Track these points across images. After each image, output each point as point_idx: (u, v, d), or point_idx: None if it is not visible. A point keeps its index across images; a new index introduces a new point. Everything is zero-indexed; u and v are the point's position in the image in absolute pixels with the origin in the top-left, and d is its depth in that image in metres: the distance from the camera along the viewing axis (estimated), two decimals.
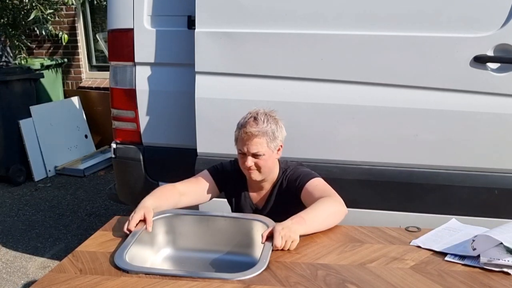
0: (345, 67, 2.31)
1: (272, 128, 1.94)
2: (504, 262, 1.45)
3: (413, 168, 2.33)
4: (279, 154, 2.03)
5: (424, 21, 2.19)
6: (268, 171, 2.01)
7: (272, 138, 1.94)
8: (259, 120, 1.93)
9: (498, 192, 2.25)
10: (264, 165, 1.97)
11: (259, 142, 1.93)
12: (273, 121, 1.96)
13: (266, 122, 1.93)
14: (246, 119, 1.96)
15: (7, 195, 4.68)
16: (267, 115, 1.96)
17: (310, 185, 1.97)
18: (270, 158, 1.98)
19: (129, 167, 2.86)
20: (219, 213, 1.94)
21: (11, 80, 4.90)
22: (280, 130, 1.98)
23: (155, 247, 1.87)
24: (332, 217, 1.83)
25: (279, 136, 1.98)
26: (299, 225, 1.72)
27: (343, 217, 1.87)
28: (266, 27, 2.35)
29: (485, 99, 2.19)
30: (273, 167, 2.04)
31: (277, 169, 2.08)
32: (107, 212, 4.21)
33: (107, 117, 3.23)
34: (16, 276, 3.25)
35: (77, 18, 6.26)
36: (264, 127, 1.92)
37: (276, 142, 1.96)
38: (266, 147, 1.94)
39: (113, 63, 2.81)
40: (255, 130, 1.91)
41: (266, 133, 1.92)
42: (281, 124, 2.00)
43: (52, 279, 1.52)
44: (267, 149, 1.94)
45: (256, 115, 1.95)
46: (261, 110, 1.98)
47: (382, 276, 1.47)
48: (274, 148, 1.97)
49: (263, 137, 1.92)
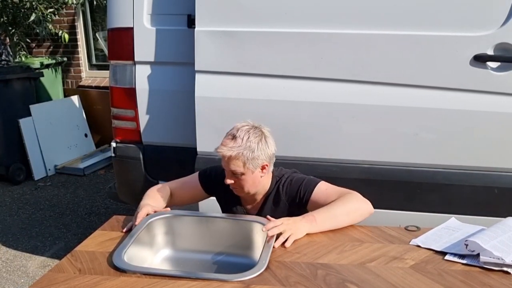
0: (345, 66, 2.30)
1: (251, 147, 1.80)
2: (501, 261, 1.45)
3: (413, 167, 2.33)
4: (265, 173, 1.89)
5: (424, 20, 2.18)
6: (253, 188, 1.91)
7: (250, 158, 1.80)
8: (237, 138, 1.81)
9: (498, 191, 2.25)
10: (244, 184, 1.87)
11: (235, 162, 1.81)
12: (255, 139, 1.82)
13: (246, 140, 1.80)
14: (226, 134, 1.86)
15: (7, 194, 4.68)
16: (250, 132, 1.83)
17: (319, 192, 1.88)
18: (251, 177, 1.86)
19: (129, 166, 2.86)
20: (219, 214, 1.93)
21: (11, 79, 4.90)
22: (262, 148, 1.83)
23: (154, 248, 1.87)
24: (348, 215, 1.78)
25: (261, 155, 1.83)
26: (307, 223, 1.71)
27: (367, 215, 1.81)
28: (266, 26, 2.35)
29: (485, 98, 2.18)
30: (259, 184, 1.92)
31: (267, 181, 1.97)
32: (107, 211, 4.21)
33: (107, 116, 3.23)
34: (16, 275, 3.25)
35: (77, 17, 6.26)
36: (238, 147, 1.79)
37: (256, 162, 1.82)
38: (243, 168, 1.82)
39: (113, 62, 2.81)
40: (228, 151, 1.80)
41: (241, 154, 1.79)
42: (267, 141, 1.86)
43: (51, 279, 1.51)
44: (245, 170, 1.82)
45: (236, 132, 1.83)
46: (246, 126, 1.85)
47: (382, 275, 1.47)
48: (253, 168, 1.83)
49: (238, 159, 1.80)
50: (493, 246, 1.48)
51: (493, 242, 1.50)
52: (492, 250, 1.46)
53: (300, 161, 2.40)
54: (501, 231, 1.56)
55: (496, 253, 1.45)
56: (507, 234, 1.54)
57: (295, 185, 1.94)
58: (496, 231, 1.55)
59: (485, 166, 2.26)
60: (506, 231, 1.56)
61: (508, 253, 1.46)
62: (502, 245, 1.49)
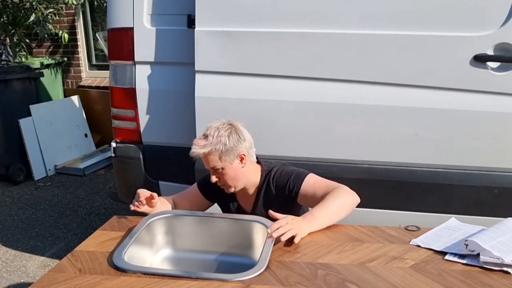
0: (345, 66, 2.30)
1: (222, 141, 1.88)
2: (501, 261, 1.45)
3: (413, 167, 2.33)
4: (245, 163, 1.95)
5: (424, 20, 2.18)
6: (238, 181, 1.97)
7: (224, 150, 1.88)
8: (208, 135, 1.90)
9: (498, 191, 2.25)
10: (228, 178, 1.94)
11: (210, 159, 1.90)
12: (225, 133, 1.90)
13: (217, 136, 1.88)
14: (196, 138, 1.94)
15: (7, 194, 4.68)
16: (219, 128, 1.91)
17: (307, 186, 1.93)
18: (232, 169, 1.93)
19: (129, 166, 2.86)
20: (219, 214, 1.93)
21: (11, 79, 4.90)
22: (235, 140, 1.91)
23: (154, 248, 1.87)
24: (343, 209, 1.83)
25: (236, 146, 1.91)
26: (308, 223, 1.75)
27: (355, 205, 1.87)
28: (266, 26, 2.35)
29: (485, 98, 2.18)
30: (244, 176, 1.98)
31: (257, 174, 2.03)
32: (107, 211, 4.21)
33: (107, 116, 3.23)
34: (16, 275, 3.25)
35: (77, 17, 6.26)
36: (210, 143, 1.88)
37: (231, 154, 1.90)
38: (220, 162, 1.90)
39: (113, 62, 2.81)
40: (201, 149, 1.88)
41: (214, 149, 1.88)
42: (237, 133, 1.93)
43: (51, 279, 1.51)
44: (224, 163, 1.90)
45: (206, 131, 1.92)
46: (216, 124, 1.94)
47: (382, 275, 1.47)
48: (231, 160, 1.91)
49: (213, 154, 1.88)
50: (493, 246, 1.48)
51: (493, 242, 1.50)
52: (491, 250, 1.46)
53: (300, 161, 2.40)
54: (501, 231, 1.56)
55: (496, 253, 1.45)
56: (507, 235, 1.54)
57: (284, 178, 1.99)
58: (496, 232, 1.56)
59: (485, 166, 2.26)
60: (506, 232, 1.56)
61: (508, 253, 1.46)
62: (502, 245, 1.49)
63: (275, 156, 2.39)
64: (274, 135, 2.43)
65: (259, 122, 2.41)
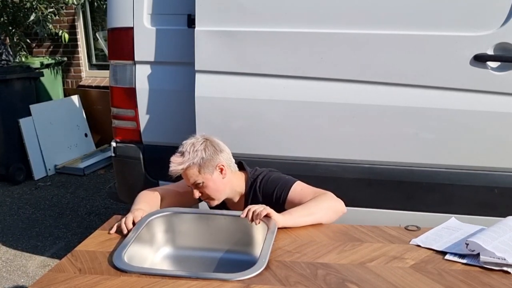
0: (345, 66, 2.30)
1: (199, 155, 1.90)
2: (504, 261, 1.45)
3: (413, 167, 2.33)
4: (225, 174, 1.97)
5: (424, 19, 2.18)
6: (221, 193, 1.98)
7: (202, 164, 1.90)
8: (184, 152, 1.91)
9: (498, 191, 2.25)
10: (210, 191, 1.95)
11: (190, 173, 1.91)
12: (200, 146, 1.92)
13: (193, 151, 1.90)
14: (174, 155, 1.94)
15: (7, 194, 4.68)
16: (194, 143, 1.93)
17: (294, 193, 1.94)
18: (212, 182, 1.93)
19: (129, 166, 2.86)
20: (218, 211, 1.94)
21: (11, 79, 4.90)
22: (211, 152, 1.92)
23: (154, 246, 1.87)
24: (323, 211, 1.83)
25: (213, 158, 1.92)
26: (281, 215, 1.78)
27: (341, 214, 1.87)
28: (266, 26, 2.35)
29: (485, 97, 2.18)
30: (226, 187, 1.99)
31: (240, 182, 2.04)
32: (107, 211, 4.21)
33: (107, 116, 3.23)
34: (16, 274, 3.25)
35: (77, 17, 6.26)
36: (188, 159, 1.89)
37: (210, 166, 1.91)
38: (200, 175, 1.91)
39: (113, 62, 2.81)
40: (179, 165, 1.89)
41: (193, 164, 1.89)
42: (213, 145, 1.95)
43: (51, 279, 1.51)
44: (204, 176, 1.91)
45: (181, 148, 1.93)
46: (189, 140, 1.95)
47: (382, 275, 1.47)
48: (211, 172, 1.92)
49: (191, 168, 1.89)
50: (495, 247, 1.48)
51: (495, 242, 1.49)
52: (494, 251, 1.46)
53: (300, 161, 2.40)
54: (502, 231, 1.55)
55: (499, 254, 1.45)
56: (508, 234, 1.54)
57: (271, 185, 2.00)
58: (497, 231, 1.55)
59: (485, 166, 2.26)
60: (507, 231, 1.55)
61: (510, 253, 1.46)
62: (504, 246, 1.49)
63: (275, 156, 2.39)
64: (274, 135, 2.43)
65: (259, 122, 2.41)
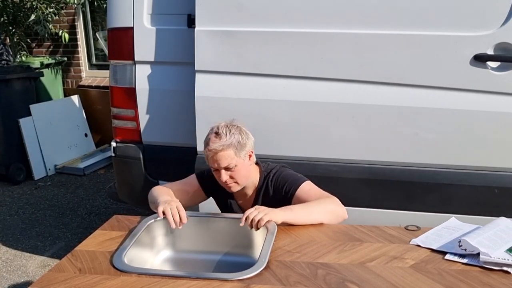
0: (345, 66, 2.30)
1: (236, 138, 1.93)
2: (504, 261, 1.45)
3: (413, 167, 2.33)
4: (252, 161, 2.02)
5: (424, 19, 2.19)
6: (245, 179, 2.01)
7: (239, 147, 1.92)
8: (221, 134, 1.92)
9: (498, 191, 2.25)
10: (239, 175, 1.96)
11: (227, 155, 1.91)
12: (236, 131, 1.94)
13: (229, 134, 1.92)
14: (208, 136, 1.96)
15: (7, 194, 4.68)
16: (228, 126, 1.95)
17: (302, 192, 1.96)
18: (243, 167, 1.96)
19: (129, 166, 2.86)
20: (218, 214, 1.94)
21: (11, 79, 4.89)
22: (245, 137, 1.96)
23: (154, 249, 1.87)
24: (323, 212, 1.85)
25: (247, 143, 1.96)
26: (281, 211, 1.79)
27: (341, 220, 1.88)
28: (266, 26, 2.35)
29: (485, 97, 2.18)
30: (250, 175, 2.03)
31: (256, 174, 2.07)
32: (107, 211, 4.21)
33: (107, 116, 3.23)
34: (16, 274, 3.25)
35: (77, 17, 6.25)
36: (228, 139, 1.91)
37: (244, 150, 1.95)
38: (236, 157, 1.92)
39: (113, 62, 2.81)
40: (219, 145, 1.90)
41: (231, 145, 1.91)
42: (245, 131, 1.98)
43: (51, 279, 1.52)
44: (238, 159, 1.93)
45: (217, 130, 1.94)
46: (222, 123, 1.97)
47: (382, 275, 1.47)
48: (244, 156, 1.95)
49: (230, 149, 1.91)
50: (479, 242, 1.51)
51: (479, 238, 1.53)
52: (478, 246, 1.49)
53: (300, 161, 2.40)
54: (488, 228, 1.60)
55: (483, 249, 1.48)
56: (493, 231, 1.58)
57: (282, 181, 2.03)
58: (484, 229, 1.60)
59: (485, 166, 2.26)
60: (492, 228, 1.60)
61: (494, 249, 1.49)
62: (488, 241, 1.52)
63: (275, 156, 2.39)
64: (274, 134, 2.43)
65: (259, 122, 2.41)
